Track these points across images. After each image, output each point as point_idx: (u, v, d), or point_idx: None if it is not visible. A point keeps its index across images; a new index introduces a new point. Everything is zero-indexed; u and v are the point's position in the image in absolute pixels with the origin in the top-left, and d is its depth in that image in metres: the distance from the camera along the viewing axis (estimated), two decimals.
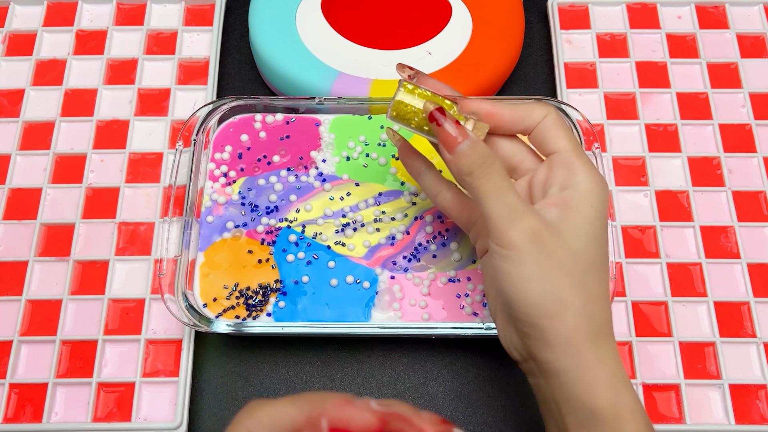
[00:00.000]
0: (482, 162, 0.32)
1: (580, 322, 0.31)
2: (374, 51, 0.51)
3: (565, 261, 0.31)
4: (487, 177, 0.32)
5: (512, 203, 0.31)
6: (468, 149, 0.32)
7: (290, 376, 0.45)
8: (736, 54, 0.54)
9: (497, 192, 0.31)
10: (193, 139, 0.45)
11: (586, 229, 0.32)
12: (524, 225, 0.31)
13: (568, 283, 0.31)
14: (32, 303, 0.46)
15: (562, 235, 0.32)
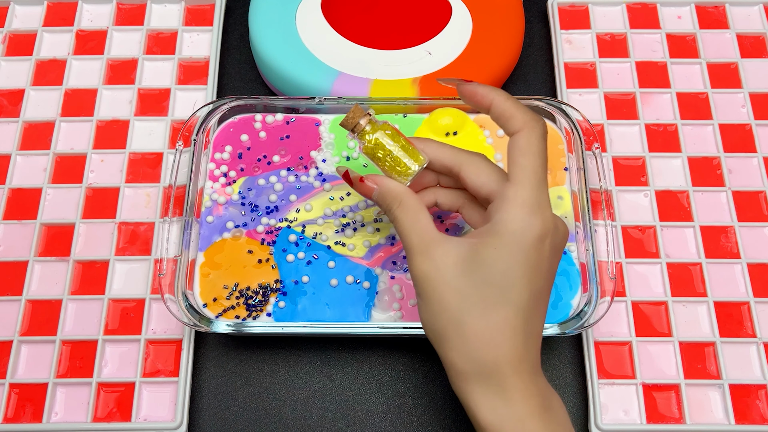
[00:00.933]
0: (390, 206, 0.35)
1: (458, 360, 0.33)
2: (374, 51, 0.51)
3: (446, 299, 0.32)
4: (395, 219, 0.35)
5: (410, 243, 0.34)
6: (377, 198, 0.36)
7: (290, 376, 0.45)
8: (736, 54, 0.54)
9: (400, 232, 0.35)
10: (193, 139, 0.45)
11: (482, 269, 0.32)
12: (418, 263, 0.33)
13: (445, 320, 0.33)
14: (32, 303, 0.46)
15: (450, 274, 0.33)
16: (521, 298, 0.32)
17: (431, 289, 0.33)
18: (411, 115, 0.48)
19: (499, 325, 0.32)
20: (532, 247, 0.32)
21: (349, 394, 0.45)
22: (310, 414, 0.44)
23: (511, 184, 0.33)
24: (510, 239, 0.32)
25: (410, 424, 0.44)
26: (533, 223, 0.32)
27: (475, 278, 0.32)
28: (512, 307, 0.32)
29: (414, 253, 0.34)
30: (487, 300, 0.32)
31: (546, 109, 0.47)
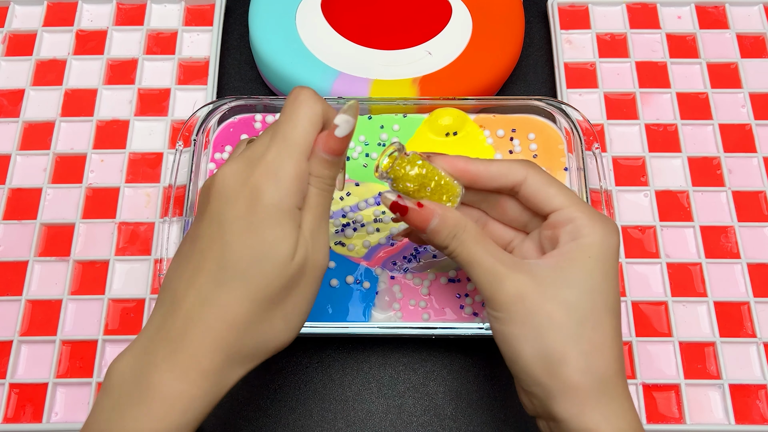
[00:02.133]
0: (455, 234, 0.33)
1: (580, 378, 0.30)
2: (374, 51, 0.51)
3: (555, 315, 0.31)
4: (463, 246, 0.33)
5: (492, 267, 0.32)
6: (437, 227, 0.33)
7: (290, 376, 0.45)
8: (736, 54, 0.54)
9: (475, 259, 0.32)
10: (193, 139, 0.45)
11: (581, 279, 0.31)
12: (508, 286, 0.31)
13: (561, 337, 0.31)
14: (32, 303, 0.46)
15: (552, 288, 0.31)
16: (617, 304, 0.32)
17: (535, 308, 0.31)
18: (411, 115, 0.48)
19: (611, 334, 0.31)
20: (615, 254, 0.32)
21: (349, 394, 0.45)
22: (310, 414, 0.44)
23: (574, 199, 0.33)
24: (601, 248, 0.32)
25: (410, 424, 0.44)
26: (614, 234, 0.32)
27: (578, 289, 0.31)
28: (615, 314, 0.32)
29: (499, 277, 0.32)
30: (597, 309, 0.31)
31: (546, 109, 0.47)
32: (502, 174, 0.34)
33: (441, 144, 0.47)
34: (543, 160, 0.46)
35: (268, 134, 0.31)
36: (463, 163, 0.34)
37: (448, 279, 0.43)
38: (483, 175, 0.34)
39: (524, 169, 0.33)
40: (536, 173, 0.33)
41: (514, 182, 0.34)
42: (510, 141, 0.47)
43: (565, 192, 0.33)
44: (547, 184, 0.33)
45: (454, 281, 0.43)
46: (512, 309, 0.31)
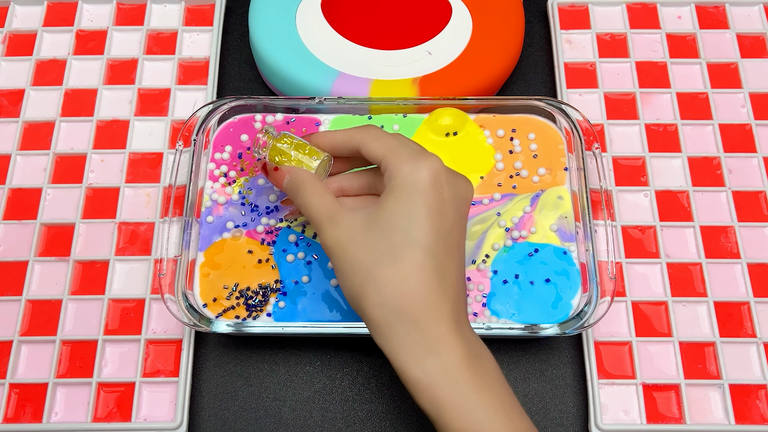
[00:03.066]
0: (299, 186, 0.37)
1: (376, 312, 0.32)
2: (374, 51, 0.51)
3: (359, 257, 0.33)
4: (303, 198, 0.37)
5: (319, 218, 0.35)
6: (288, 184, 0.38)
7: (290, 376, 0.45)
8: (736, 54, 0.54)
9: (309, 210, 0.36)
10: (193, 139, 0.45)
11: (384, 220, 0.33)
12: (328, 234, 0.35)
13: (360, 277, 0.33)
14: (32, 303, 0.46)
15: (360, 233, 0.34)
16: (427, 239, 0.33)
17: (343, 252, 0.34)
18: (411, 115, 0.48)
19: (410, 269, 0.32)
20: (428, 190, 0.33)
21: (349, 394, 0.45)
22: (310, 414, 0.44)
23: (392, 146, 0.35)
24: (404, 185, 0.33)
25: (410, 424, 0.44)
26: (423, 168, 0.34)
27: (381, 231, 0.33)
28: (419, 249, 0.32)
29: (323, 224, 0.35)
30: (395, 246, 0.33)
31: (546, 109, 0.47)
32: (344, 140, 0.38)
33: (441, 144, 0.47)
34: (543, 160, 0.46)
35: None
36: (322, 135, 0.39)
37: None
38: (334, 141, 0.38)
39: (359, 132, 0.37)
40: (367, 133, 0.37)
41: (354, 145, 0.37)
42: (510, 141, 0.47)
43: (387, 141, 0.36)
44: (373, 140, 0.36)
45: None
46: (331, 253, 0.35)
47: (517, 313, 0.42)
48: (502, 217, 0.45)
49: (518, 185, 0.46)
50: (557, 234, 0.44)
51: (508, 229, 0.44)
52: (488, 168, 0.46)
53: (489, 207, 0.45)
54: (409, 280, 0.32)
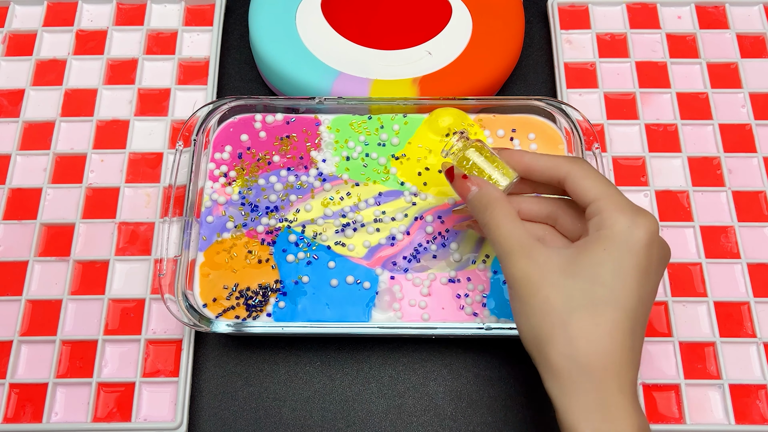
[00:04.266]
0: (487, 207, 0.35)
1: (561, 362, 0.31)
2: (374, 51, 0.51)
3: (552, 299, 0.32)
4: (492, 220, 0.35)
5: (509, 246, 0.34)
6: (474, 198, 0.36)
7: (290, 376, 0.45)
8: (736, 54, 0.54)
9: (498, 235, 0.34)
10: (193, 139, 0.45)
11: (589, 270, 0.32)
12: (518, 266, 0.33)
13: (551, 320, 0.32)
14: (32, 303, 0.46)
15: (557, 275, 0.32)
16: (630, 301, 0.31)
17: (534, 290, 0.32)
18: (411, 115, 0.48)
19: (607, 327, 0.31)
20: (641, 250, 0.32)
21: (349, 394, 0.45)
22: (310, 414, 0.44)
23: (607, 191, 0.33)
24: (619, 241, 0.32)
25: (410, 424, 0.44)
26: (641, 226, 0.32)
27: (582, 279, 0.31)
28: (621, 310, 0.31)
29: (513, 254, 0.33)
30: (596, 300, 0.31)
31: (546, 109, 0.47)
32: (548, 167, 0.36)
33: (441, 144, 0.47)
34: None
35: None
36: (518, 155, 0.37)
37: (448, 279, 0.43)
38: (533, 165, 0.36)
39: (568, 164, 0.35)
40: (579, 167, 0.35)
41: (559, 175, 0.35)
42: (510, 141, 0.47)
43: (601, 184, 0.34)
44: (584, 176, 0.34)
45: (454, 281, 0.43)
46: (517, 287, 0.33)
47: None
48: None
49: None
50: None
51: None
52: None
53: None
54: (604, 338, 0.31)
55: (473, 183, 0.37)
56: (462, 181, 0.37)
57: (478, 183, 0.36)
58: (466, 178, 0.37)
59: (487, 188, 0.36)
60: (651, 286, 0.32)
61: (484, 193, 0.36)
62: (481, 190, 0.36)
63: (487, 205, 0.35)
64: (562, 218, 0.37)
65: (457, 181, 0.37)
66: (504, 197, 0.36)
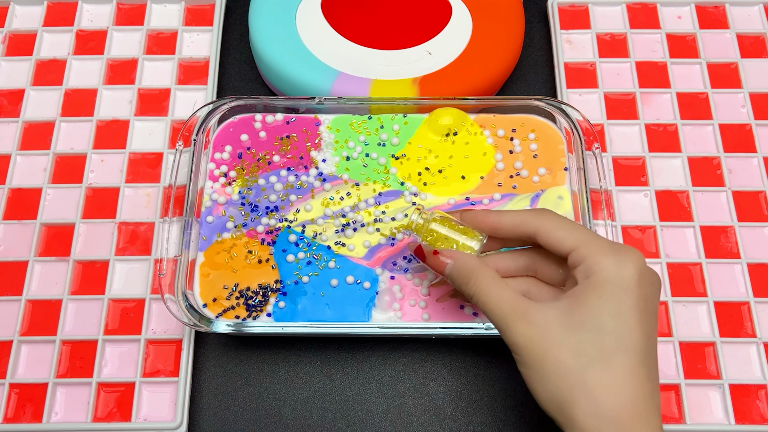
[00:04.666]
0: (469, 278, 0.34)
1: (589, 421, 0.30)
2: (374, 51, 0.51)
3: (563, 360, 0.31)
4: (478, 291, 0.34)
5: (503, 313, 0.33)
6: (452, 271, 0.35)
7: (290, 376, 0.45)
8: (736, 54, 0.54)
9: (488, 305, 0.33)
10: (193, 139, 0.45)
11: (589, 321, 0.31)
12: (518, 332, 0.32)
13: (569, 382, 0.31)
14: (32, 303, 0.46)
15: (559, 333, 0.31)
16: (638, 342, 0.31)
17: (542, 354, 0.31)
18: (411, 115, 0.48)
19: (624, 375, 0.30)
20: (635, 288, 0.31)
21: (349, 394, 0.45)
22: (310, 414, 0.44)
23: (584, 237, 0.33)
24: (611, 284, 0.31)
25: (410, 424, 0.44)
26: (628, 264, 0.31)
27: (586, 331, 0.31)
28: (633, 353, 0.31)
29: (510, 321, 0.32)
30: (606, 350, 0.30)
31: (546, 109, 0.47)
32: (514, 224, 0.35)
33: (441, 144, 0.47)
34: (543, 160, 0.46)
35: None
36: (482, 216, 0.36)
37: None
38: (499, 225, 0.36)
39: (536, 218, 0.35)
40: (547, 220, 0.34)
41: (528, 232, 0.35)
42: (510, 141, 0.47)
43: (577, 232, 0.33)
44: (556, 228, 0.34)
45: None
46: (523, 353, 0.32)
47: None
48: None
49: (518, 185, 0.46)
50: None
51: None
52: (488, 168, 0.46)
53: (489, 207, 0.45)
54: (624, 388, 0.30)
55: (447, 256, 0.36)
56: (434, 257, 0.36)
57: (452, 255, 0.36)
58: (438, 253, 0.36)
59: (462, 259, 0.35)
60: (652, 319, 0.32)
61: (460, 264, 0.35)
62: (457, 261, 0.35)
63: (468, 276, 0.34)
64: (542, 267, 0.37)
65: (429, 258, 0.36)
66: (482, 264, 0.35)
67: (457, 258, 0.35)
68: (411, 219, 0.38)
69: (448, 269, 0.36)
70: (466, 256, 0.35)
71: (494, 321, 0.33)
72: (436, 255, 0.36)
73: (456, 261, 0.35)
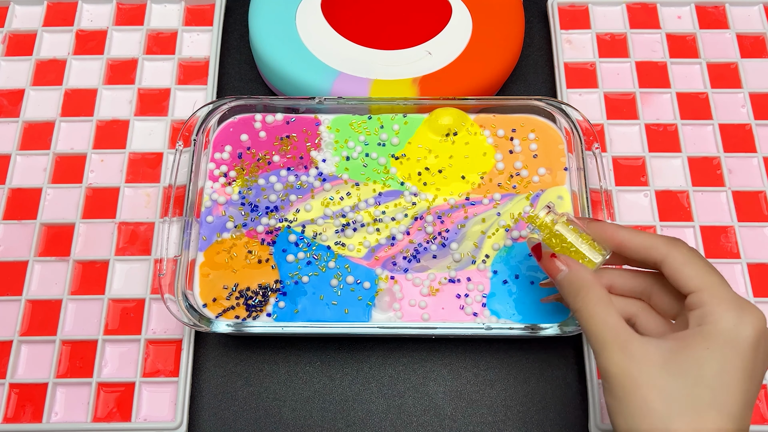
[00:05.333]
0: (578, 291, 0.34)
1: None
2: (374, 51, 0.51)
3: (651, 401, 0.30)
4: (584, 307, 0.33)
5: (603, 338, 0.32)
6: (563, 280, 0.35)
7: (290, 376, 0.45)
8: (736, 54, 0.54)
9: (591, 324, 0.32)
10: (193, 139, 0.45)
11: (690, 370, 0.30)
12: (613, 361, 0.31)
13: (652, 425, 0.30)
14: (32, 303, 0.46)
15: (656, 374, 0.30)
16: (735, 405, 0.29)
17: (632, 388, 0.30)
18: (411, 115, 0.48)
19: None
20: (748, 350, 0.30)
21: (349, 394, 0.45)
22: (310, 414, 0.44)
23: (710, 281, 0.31)
24: (724, 339, 0.30)
25: (410, 424, 0.44)
26: (747, 323, 0.30)
27: (683, 379, 0.30)
28: (726, 415, 0.29)
29: (608, 347, 0.31)
30: (698, 403, 0.29)
31: (546, 109, 0.47)
32: (644, 247, 0.34)
33: (441, 144, 0.47)
34: (543, 160, 0.46)
35: None
36: (611, 230, 0.35)
37: (448, 279, 0.43)
38: (627, 244, 0.34)
39: (666, 247, 0.33)
40: (678, 252, 0.33)
41: (655, 258, 0.33)
42: (510, 141, 0.47)
43: (704, 274, 0.32)
44: (685, 264, 0.32)
45: (454, 281, 0.43)
46: (613, 383, 0.31)
47: (517, 313, 0.42)
48: (502, 217, 0.45)
49: (518, 185, 0.46)
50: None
51: (508, 229, 0.44)
52: (488, 168, 0.46)
53: (489, 207, 0.45)
54: None
55: (563, 263, 0.35)
56: (550, 260, 0.35)
57: (568, 264, 0.35)
58: (555, 257, 0.35)
59: (577, 270, 0.34)
60: (756, 388, 0.30)
61: (574, 275, 0.34)
62: (572, 271, 0.34)
63: (578, 290, 0.34)
64: (658, 296, 0.35)
65: (545, 259, 0.36)
66: (596, 281, 0.34)
67: (573, 268, 0.35)
68: (539, 215, 0.37)
69: (561, 276, 0.35)
70: (582, 269, 0.34)
71: (592, 343, 0.32)
72: (553, 258, 0.35)
73: (571, 270, 0.34)
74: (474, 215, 0.45)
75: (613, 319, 0.32)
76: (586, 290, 0.33)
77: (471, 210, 0.45)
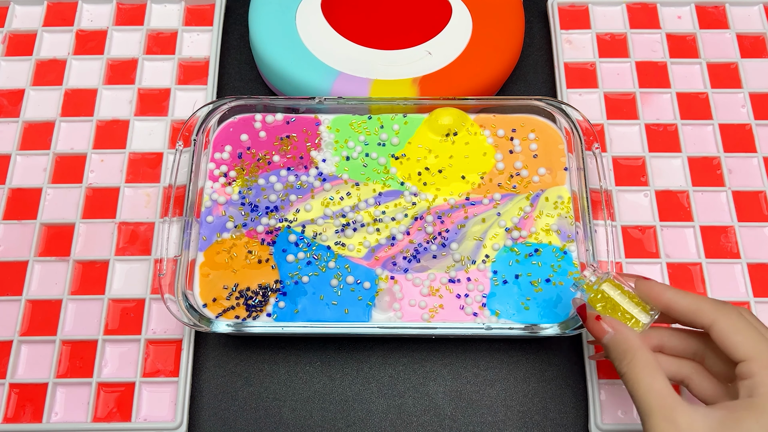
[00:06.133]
0: (624, 355, 0.33)
1: None
2: (374, 51, 0.51)
3: None
4: (630, 372, 0.32)
5: (649, 405, 0.31)
6: (609, 343, 0.34)
7: (290, 376, 0.45)
8: (736, 54, 0.54)
9: (638, 390, 0.32)
10: (193, 139, 0.45)
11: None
12: (660, 427, 0.31)
13: None
14: (32, 303, 0.46)
15: None
16: None
17: None
18: (411, 115, 0.48)
19: None
20: None
21: (349, 394, 0.45)
22: (310, 414, 0.44)
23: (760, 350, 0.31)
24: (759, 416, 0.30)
25: (410, 424, 0.44)
26: None
27: None
28: None
29: (653, 415, 0.31)
30: None
31: (546, 109, 0.47)
32: (691, 311, 0.33)
33: (441, 144, 0.47)
34: (543, 160, 0.46)
35: None
36: (658, 289, 0.34)
37: (448, 279, 0.43)
38: (674, 306, 0.34)
39: (714, 313, 0.33)
40: (726, 318, 0.32)
41: (703, 322, 0.33)
42: (510, 141, 0.47)
43: (754, 343, 0.32)
44: (734, 331, 0.32)
45: (454, 281, 0.43)
46: None
47: (517, 313, 0.42)
48: (502, 217, 0.45)
49: (518, 185, 0.46)
50: (557, 234, 0.44)
51: (508, 229, 0.44)
52: (488, 168, 0.46)
53: (489, 207, 0.45)
54: None
55: (609, 325, 0.34)
56: (596, 322, 0.35)
57: (614, 326, 0.34)
58: (600, 319, 0.34)
59: (624, 333, 0.34)
60: None
61: (621, 338, 0.33)
62: (618, 334, 0.34)
63: (625, 353, 0.33)
64: (711, 358, 0.35)
65: (590, 321, 0.35)
66: (642, 344, 0.33)
67: (619, 331, 0.34)
68: (583, 275, 0.36)
69: (606, 339, 0.34)
70: (628, 332, 0.34)
71: (638, 409, 0.32)
72: (598, 321, 0.35)
73: (617, 333, 0.34)
74: (474, 215, 0.45)
75: (660, 385, 0.31)
76: (632, 354, 0.33)
77: (471, 210, 0.45)
